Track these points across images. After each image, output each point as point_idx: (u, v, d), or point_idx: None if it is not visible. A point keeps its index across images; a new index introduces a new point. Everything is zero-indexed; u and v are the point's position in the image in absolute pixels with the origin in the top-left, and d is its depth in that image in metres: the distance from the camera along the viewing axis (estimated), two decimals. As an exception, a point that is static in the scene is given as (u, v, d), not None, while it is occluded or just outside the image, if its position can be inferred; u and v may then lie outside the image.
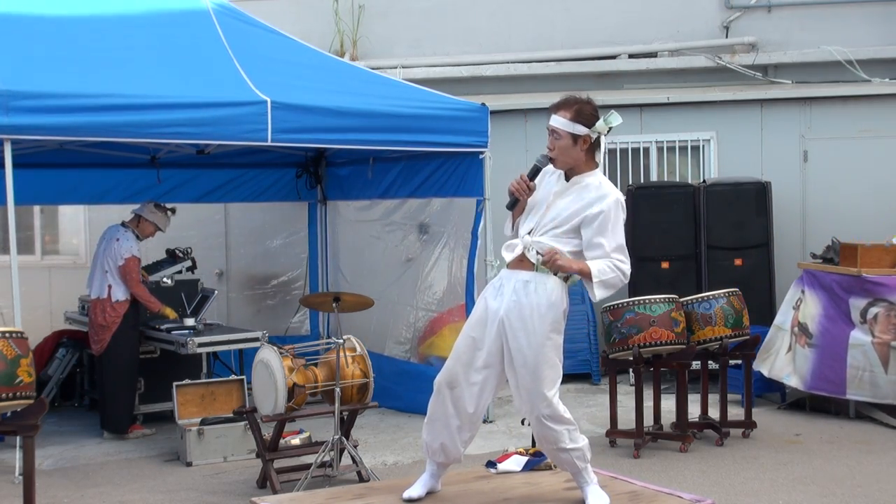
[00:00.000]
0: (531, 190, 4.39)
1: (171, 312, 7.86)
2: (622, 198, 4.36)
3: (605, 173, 4.52)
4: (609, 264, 4.25)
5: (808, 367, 8.03)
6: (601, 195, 4.31)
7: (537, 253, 4.30)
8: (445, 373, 4.45)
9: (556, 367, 4.34)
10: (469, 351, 4.40)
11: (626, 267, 4.29)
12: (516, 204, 4.42)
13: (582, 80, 11.14)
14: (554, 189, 4.39)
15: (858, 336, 7.75)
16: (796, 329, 8.16)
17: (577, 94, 4.44)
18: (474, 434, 4.55)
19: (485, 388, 4.41)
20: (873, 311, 7.74)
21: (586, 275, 4.24)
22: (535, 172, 4.40)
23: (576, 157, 4.34)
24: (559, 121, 4.32)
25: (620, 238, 4.31)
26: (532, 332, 4.28)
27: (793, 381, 8.14)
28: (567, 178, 4.40)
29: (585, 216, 4.30)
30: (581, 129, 4.30)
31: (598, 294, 4.26)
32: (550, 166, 4.41)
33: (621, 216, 4.33)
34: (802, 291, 8.22)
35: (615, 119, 4.32)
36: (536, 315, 4.28)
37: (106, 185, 8.97)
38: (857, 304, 7.81)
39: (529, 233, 4.37)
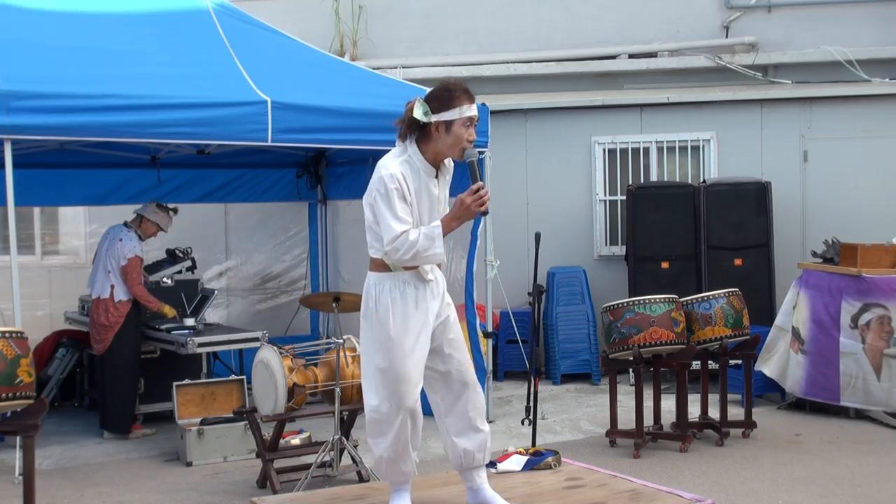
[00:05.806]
0: None
1: (169, 311, 7.85)
2: None
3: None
4: None
5: (802, 374, 8.04)
6: (450, 168, 4.19)
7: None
8: (410, 399, 4.03)
9: None
10: (417, 365, 4.07)
11: None
12: None
13: (582, 80, 11.16)
14: (431, 187, 4.07)
15: (848, 343, 7.75)
16: (791, 334, 8.17)
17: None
18: None
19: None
20: (866, 317, 7.71)
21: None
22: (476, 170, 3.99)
23: None
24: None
25: None
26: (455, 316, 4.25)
27: (789, 387, 8.17)
28: (434, 166, 4.09)
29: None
30: None
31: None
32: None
33: None
34: (798, 293, 8.22)
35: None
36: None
37: (106, 185, 8.97)
38: (849, 308, 7.78)
39: None
